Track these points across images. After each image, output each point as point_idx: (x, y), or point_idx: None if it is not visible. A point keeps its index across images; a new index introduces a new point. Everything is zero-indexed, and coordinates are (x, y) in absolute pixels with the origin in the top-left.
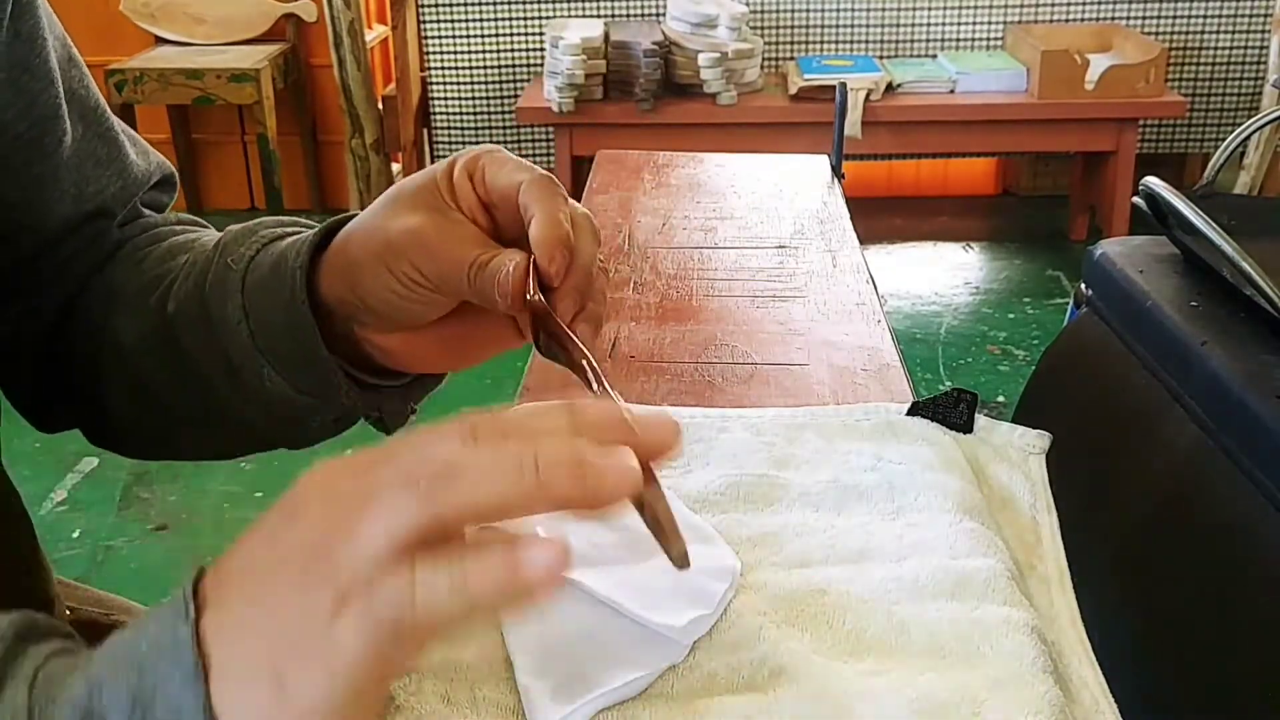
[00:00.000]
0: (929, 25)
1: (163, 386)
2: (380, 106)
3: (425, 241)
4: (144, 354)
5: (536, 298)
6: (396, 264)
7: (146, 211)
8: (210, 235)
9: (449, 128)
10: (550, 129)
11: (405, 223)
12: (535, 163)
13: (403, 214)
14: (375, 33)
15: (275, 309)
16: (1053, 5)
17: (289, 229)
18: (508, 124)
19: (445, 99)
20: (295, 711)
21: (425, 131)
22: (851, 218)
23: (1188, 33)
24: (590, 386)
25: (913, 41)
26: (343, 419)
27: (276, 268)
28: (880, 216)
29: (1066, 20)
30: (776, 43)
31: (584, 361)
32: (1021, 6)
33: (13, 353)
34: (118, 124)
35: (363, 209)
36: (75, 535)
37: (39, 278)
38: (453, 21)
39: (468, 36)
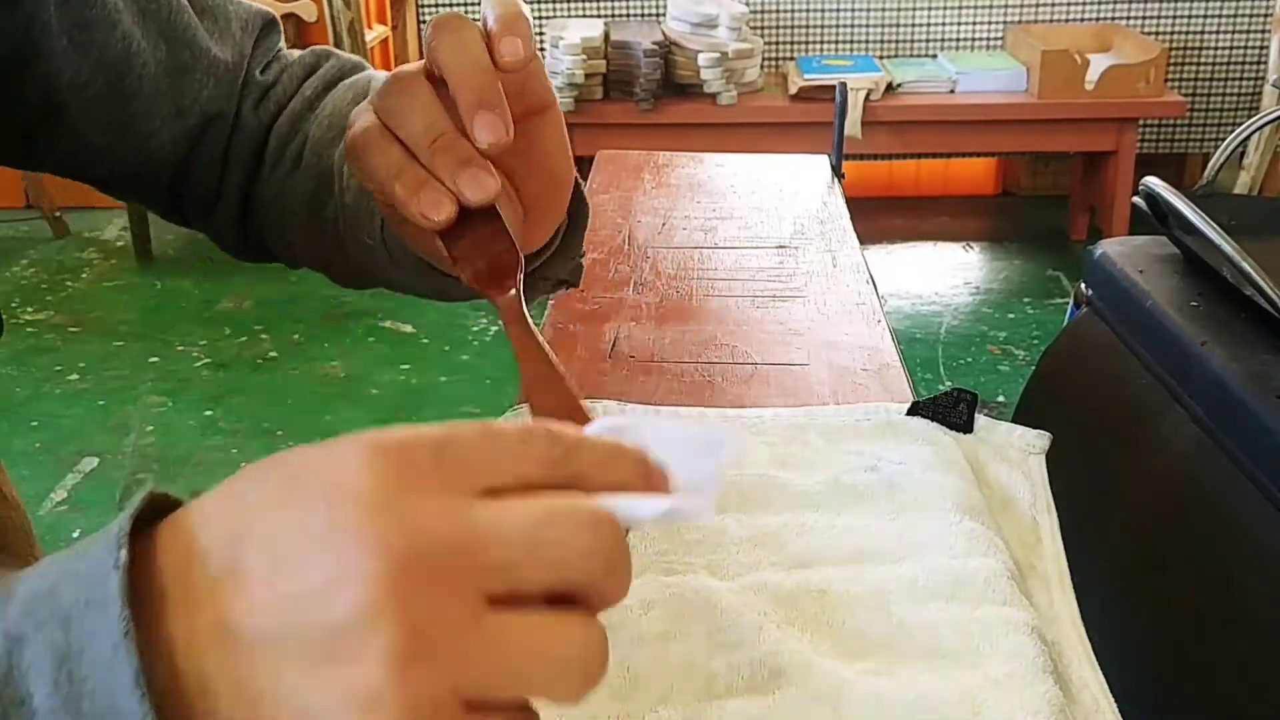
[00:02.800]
0: (929, 25)
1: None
2: None
3: (353, 146)
4: (314, 254)
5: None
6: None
7: (268, 80)
8: (340, 99)
9: None
10: None
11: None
12: None
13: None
14: (375, 32)
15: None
16: (1053, 5)
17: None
18: None
19: None
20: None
21: None
22: (851, 218)
23: (1188, 33)
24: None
25: (913, 41)
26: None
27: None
28: (880, 216)
29: (1066, 20)
30: (776, 43)
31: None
32: (1021, 7)
33: (213, 236)
34: (200, 9)
35: None
36: (75, 535)
37: (186, 185)
38: None
39: None
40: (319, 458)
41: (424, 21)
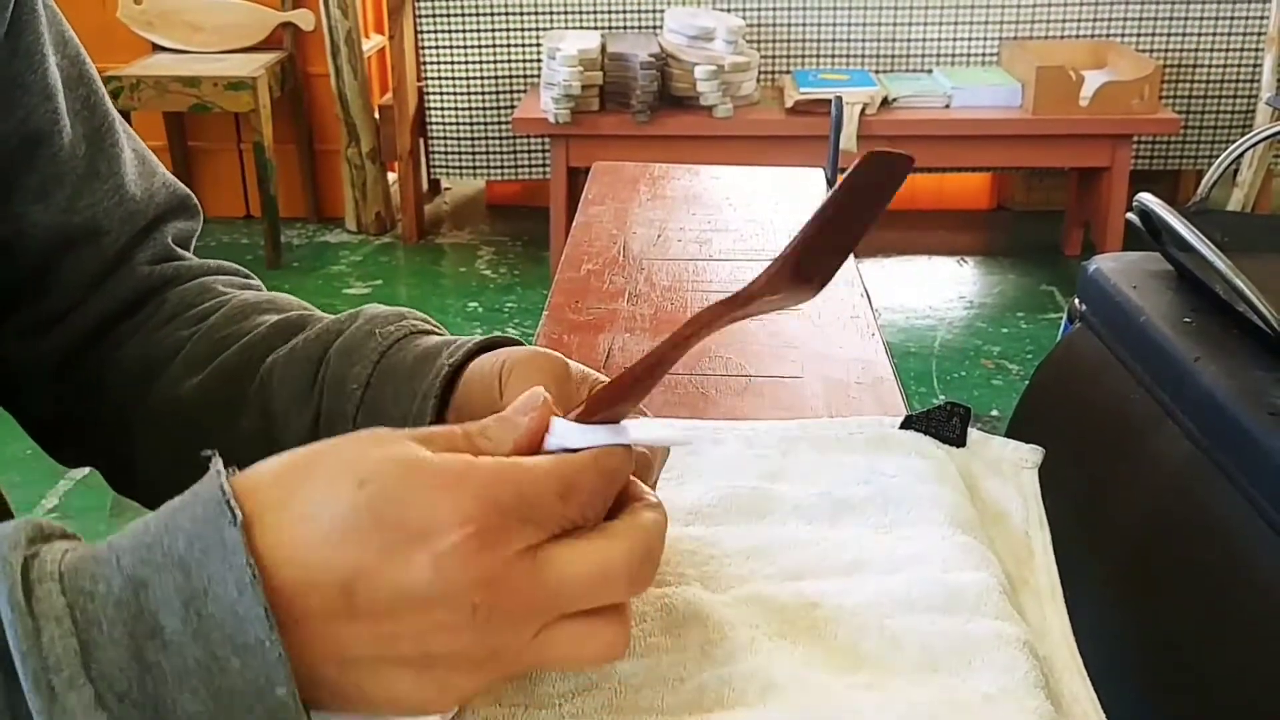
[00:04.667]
0: (925, 40)
1: (217, 434)
2: (377, 116)
3: None
4: (203, 407)
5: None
6: None
7: (180, 251)
8: (285, 295)
9: (445, 137)
10: (547, 140)
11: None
12: (531, 173)
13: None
14: (372, 42)
15: (399, 400)
16: (1048, 22)
17: (434, 327)
18: (504, 134)
19: (442, 109)
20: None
21: (421, 141)
22: None
23: (1182, 50)
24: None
25: (908, 56)
26: None
27: (421, 362)
28: (875, 230)
29: (1062, 37)
30: (773, 56)
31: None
32: (1017, 23)
33: (25, 374)
34: (131, 146)
35: (358, 217)
36: None
37: (38, 288)
38: (450, 32)
39: (465, 47)
40: (405, 503)
41: (421, 31)
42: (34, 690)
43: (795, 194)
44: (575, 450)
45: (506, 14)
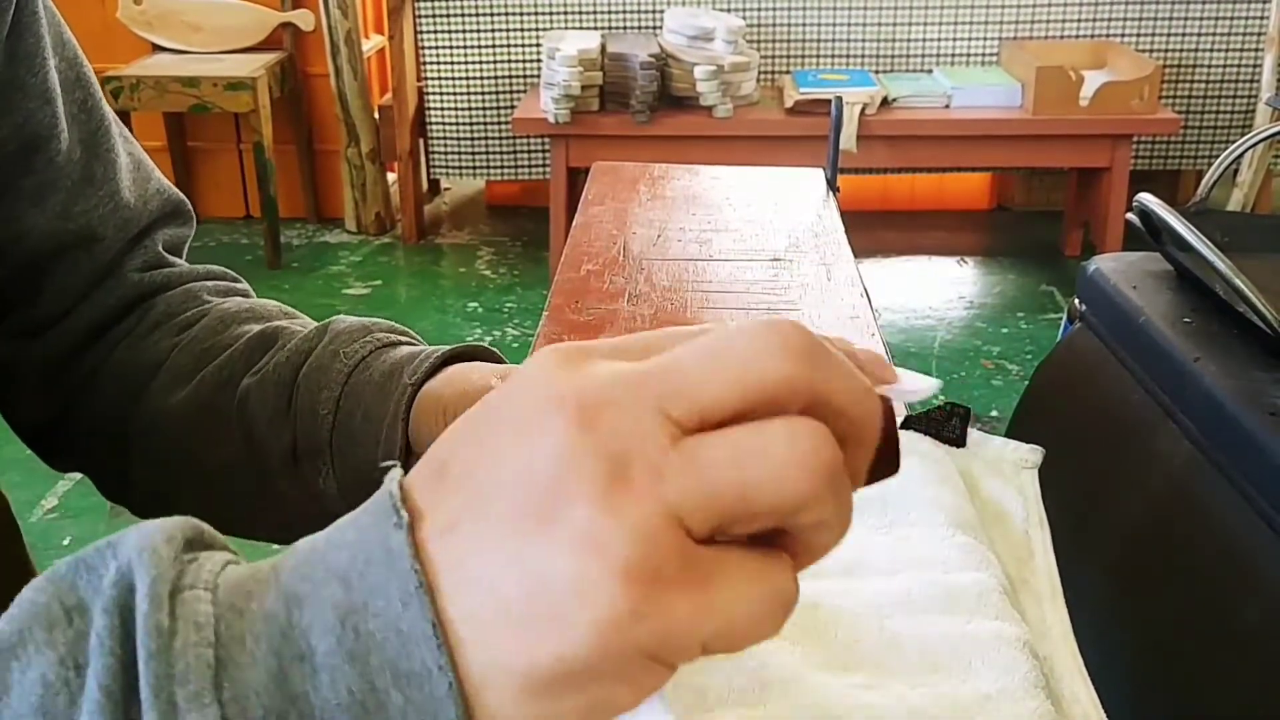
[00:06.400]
0: (924, 40)
1: (202, 451)
2: (376, 116)
3: None
4: (188, 421)
5: None
6: None
7: (170, 258)
8: (264, 303)
9: (445, 138)
10: (546, 140)
11: None
12: (531, 173)
13: None
14: (372, 42)
15: (369, 420)
16: (1048, 22)
17: (401, 338)
18: (504, 135)
19: (442, 109)
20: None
21: (421, 141)
22: (846, 231)
23: (1182, 50)
24: None
25: (908, 56)
26: None
27: (388, 379)
28: (875, 230)
29: (1061, 37)
30: (773, 56)
31: None
32: (1017, 23)
33: (18, 379)
34: (127, 150)
35: (358, 217)
36: (66, 543)
37: (31, 293)
38: (450, 32)
39: (464, 47)
40: (519, 371)
41: (421, 31)
42: (153, 698)
43: (795, 194)
44: None
45: (506, 14)
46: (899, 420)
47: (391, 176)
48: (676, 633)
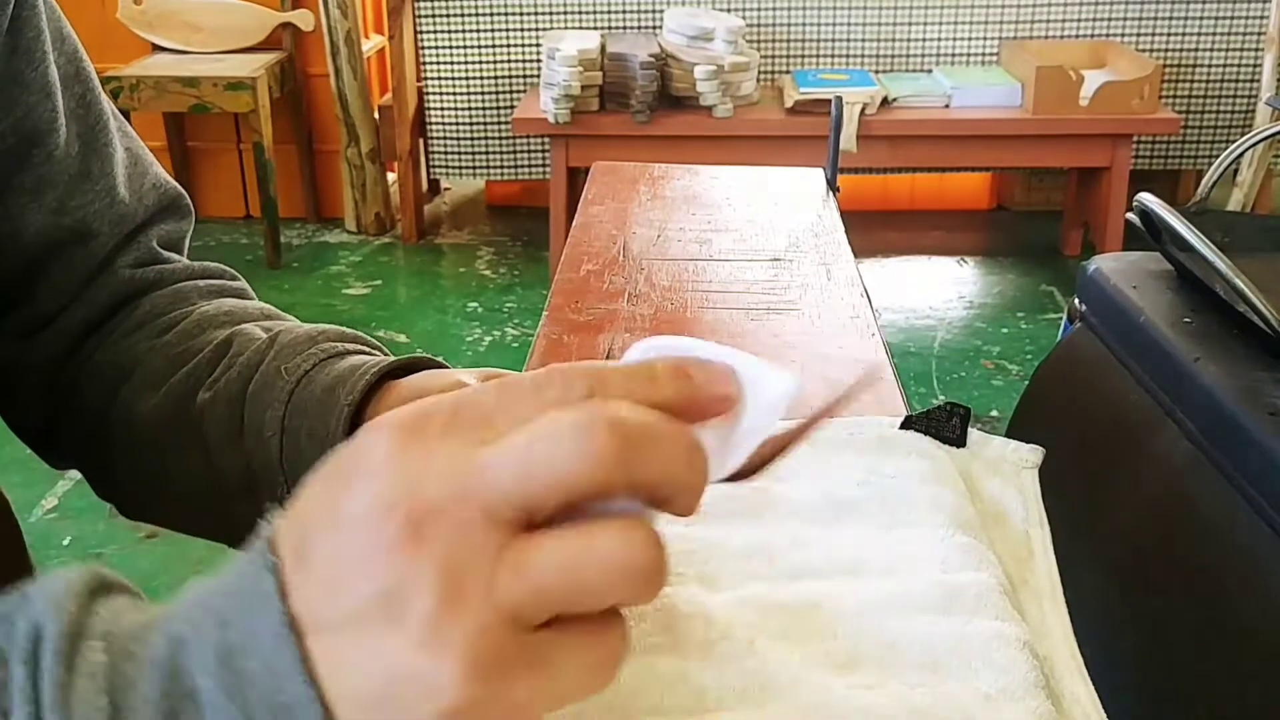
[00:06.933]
0: (924, 40)
1: (171, 463)
2: (376, 116)
3: None
4: (158, 429)
5: None
6: None
7: (165, 254)
8: (247, 305)
9: (445, 138)
10: (546, 140)
11: None
12: (531, 173)
13: None
14: (372, 42)
15: (314, 438)
16: (1048, 21)
17: (350, 346)
18: (504, 135)
19: (441, 109)
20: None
21: (421, 141)
22: (846, 231)
23: (1182, 50)
24: None
25: (908, 56)
26: None
27: (329, 394)
28: (875, 230)
29: (1061, 36)
30: (773, 56)
31: None
32: (1017, 23)
33: (14, 377)
34: (125, 145)
35: (357, 217)
36: (65, 543)
37: (26, 290)
38: (450, 32)
39: (464, 47)
40: (353, 445)
41: (421, 31)
42: None
43: (795, 194)
44: None
45: (506, 14)
46: (898, 421)
47: (391, 176)
48: (516, 713)
